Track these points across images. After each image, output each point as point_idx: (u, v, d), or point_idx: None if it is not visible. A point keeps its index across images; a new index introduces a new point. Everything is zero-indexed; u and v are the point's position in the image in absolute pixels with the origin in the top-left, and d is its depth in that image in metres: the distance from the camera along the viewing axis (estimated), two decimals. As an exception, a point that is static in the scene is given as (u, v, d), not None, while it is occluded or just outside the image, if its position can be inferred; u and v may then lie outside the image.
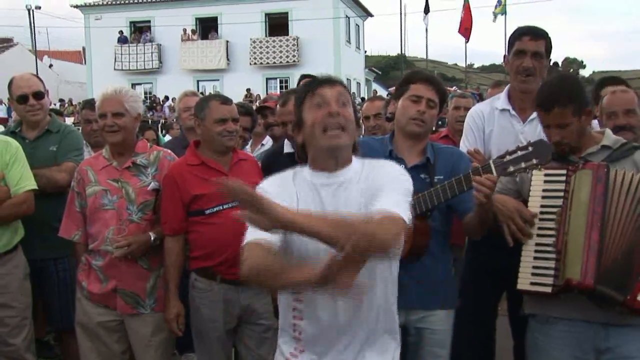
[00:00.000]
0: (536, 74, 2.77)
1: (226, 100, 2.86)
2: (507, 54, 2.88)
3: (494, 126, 2.89)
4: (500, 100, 2.93)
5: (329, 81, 1.85)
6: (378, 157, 2.04)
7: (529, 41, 2.77)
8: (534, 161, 2.03)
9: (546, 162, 2.05)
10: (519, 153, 2.06)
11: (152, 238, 2.77)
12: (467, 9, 27.05)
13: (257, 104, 4.49)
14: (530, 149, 2.04)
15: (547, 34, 2.82)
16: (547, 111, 2.28)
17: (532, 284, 2.23)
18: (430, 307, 2.40)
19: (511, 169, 2.05)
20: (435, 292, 2.40)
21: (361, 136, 3.53)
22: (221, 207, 2.68)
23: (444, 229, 2.45)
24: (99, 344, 2.86)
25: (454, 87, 27.54)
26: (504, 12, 27.38)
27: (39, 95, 3.37)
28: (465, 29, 27.37)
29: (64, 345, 3.48)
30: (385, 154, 2.41)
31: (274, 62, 28.37)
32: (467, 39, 27.66)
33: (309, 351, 1.87)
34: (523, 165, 2.05)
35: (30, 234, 3.11)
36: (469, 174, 2.18)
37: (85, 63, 32.08)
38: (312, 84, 1.87)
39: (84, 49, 32.97)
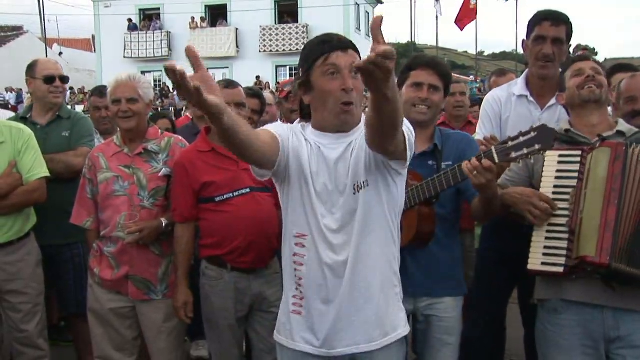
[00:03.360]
0: (556, 59, 2.71)
1: (229, 84, 2.80)
2: (526, 38, 2.81)
3: (510, 112, 2.84)
4: (518, 85, 2.88)
5: (342, 46, 1.83)
6: None
7: (550, 27, 2.71)
8: (537, 147, 1.98)
9: (549, 147, 2.02)
10: (521, 139, 2.02)
11: (163, 224, 2.76)
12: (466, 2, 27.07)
13: (276, 89, 4.56)
14: (532, 134, 2.00)
15: (568, 19, 2.76)
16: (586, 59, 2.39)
17: (544, 264, 2.19)
18: (438, 294, 2.38)
19: (513, 155, 2.01)
20: (442, 279, 2.37)
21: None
22: (231, 195, 2.65)
23: (452, 215, 2.41)
24: (110, 330, 2.86)
25: (471, 76, 27.40)
26: None
27: (65, 79, 3.45)
28: (460, 20, 27.50)
29: (75, 330, 3.49)
30: None
31: (284, 50, 28.24)
32: (462, 29, 27.94)
33: (309, 298, 1.88)
34: (525, 151, 2.01)
35: (45, 220, 3.12)
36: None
37: (94, 51, 32.12)
38: (324, 46, 1.83)
39: (93, 37, 33.00)
